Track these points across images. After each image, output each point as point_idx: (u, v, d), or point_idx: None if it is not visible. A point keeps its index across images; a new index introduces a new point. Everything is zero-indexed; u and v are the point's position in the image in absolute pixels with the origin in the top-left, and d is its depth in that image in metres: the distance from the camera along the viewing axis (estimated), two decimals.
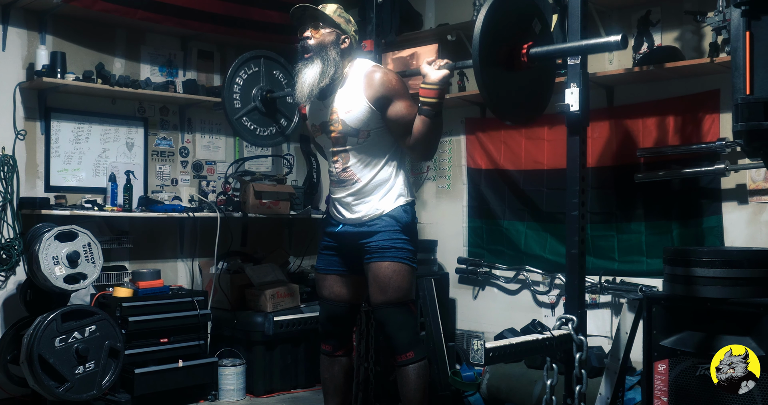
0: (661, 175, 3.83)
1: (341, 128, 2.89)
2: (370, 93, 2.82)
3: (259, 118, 3.56)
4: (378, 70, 2.86)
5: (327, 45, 2.86)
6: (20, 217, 4.15)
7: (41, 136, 4.38)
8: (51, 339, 3.63)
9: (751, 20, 2.17)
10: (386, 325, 2.90)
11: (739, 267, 2.73)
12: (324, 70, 2.84)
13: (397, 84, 2.83)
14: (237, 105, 3.50)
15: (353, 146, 2.90)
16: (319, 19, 2.89)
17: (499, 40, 2.61)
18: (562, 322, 2.92)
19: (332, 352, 3.11)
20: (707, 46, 3.65)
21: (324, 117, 2.95)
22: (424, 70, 2.76)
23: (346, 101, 2.87)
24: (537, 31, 2.76)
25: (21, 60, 4.32)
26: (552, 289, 4.35)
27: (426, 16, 5.08)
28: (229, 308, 4.58)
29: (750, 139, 2.19)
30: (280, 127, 3.65)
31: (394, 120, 2.83)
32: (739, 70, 2.17)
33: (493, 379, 4.06)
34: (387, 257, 2.86)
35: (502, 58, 2.64)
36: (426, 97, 2.75)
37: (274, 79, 3.64)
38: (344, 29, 2.91)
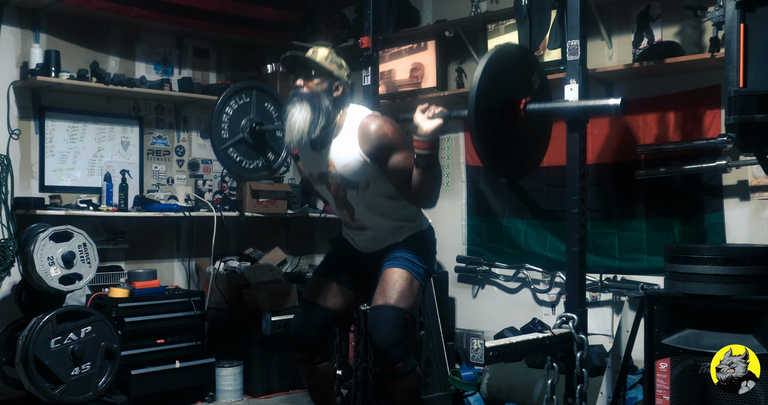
0: (661, 171, 3.80)
1: (340, 181, 2.81)
2: (366, 147, 2.71)
3: (246, 150, 3.44)
4: (373, 121, 2.73)
5: (319, 94, 2.74)
6: (15, 218, 4.13)
7: (35, 136, 4.34)
8: (46, 340, 3.60)
9: (746, 12, 2.14)
10: (376, 330, 2.71)
11: (741, 264, 2.70)
12: (314, 119, 2.71)
13: (392, 135, 2.71)
14: (224, 135, 3.38)
15: (354, 196, 2.83)
16: (310, 69, 2.77)
17: (497, 93, 2.51)
18: (563, 321, 2.91)
19: (308, 360, 3.01)
20: (708, 41, 3.63)
21: (321, 168, 2.86)
22: (417, 120, 2.61)
23: (342, 155, 2.77)
24: (536, 86, 2.66)
25: (15, 59, 4.29)
26: (552, 288, 4.33)
27: (424, 12, 5.05)
28: (226, 308, 4.56)
29: (743, 133, 2.18)
30: (267, 161, 3.52)
31: (393, 172, 2.73)
32: (732, 63, 2.15)
33: (493, 379, 4.04)
34: (399, 265, 2.80)
35: (499, 111, 2.53)
36: (420, 150, 2.62)
37: (264, 112, 3.51)
38: (337, 76, 2.78)
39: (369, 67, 3.82)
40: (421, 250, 2.89)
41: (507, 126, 2.56)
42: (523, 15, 3.70)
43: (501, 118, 2.53)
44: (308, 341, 2.99)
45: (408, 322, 2.75)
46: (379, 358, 2.77)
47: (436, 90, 4.78)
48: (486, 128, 2.45)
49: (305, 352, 3.00)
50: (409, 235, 2.90)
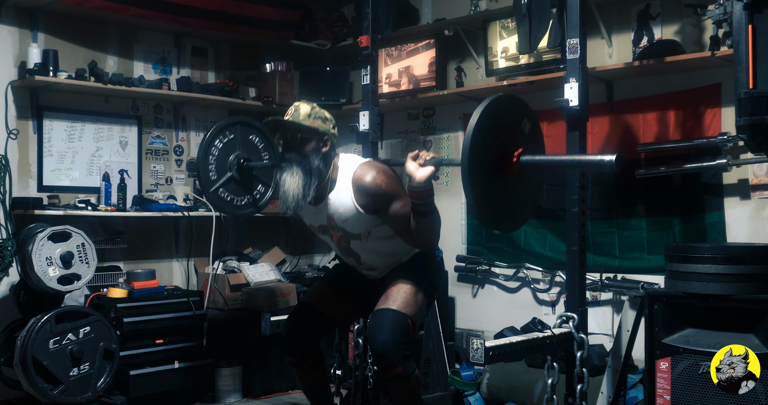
0: (662, 170, 3.79)
1: (342, 234, 2.83)
2: (362, 201, 2.71)
3: (235, 187, 3.40)
4: (365, 174, 2.70)
5: (308, 154, 2.71)
6: (13, 218, 4.12)
7: (33, 136, 4.33)
8: (45, 341, 3.59)
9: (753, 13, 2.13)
10: (376, 332, 2.67)
11: (742, 263, 2.70)
12: (307, 182, 2.69)
13: (387, 186, 2.69)
14: (213, 177, 3.32)
15: (358, 244, 2.84)
16: (297, 131, 2.74)
17: (490, 144, 2.44)
18: (563, 320, 2.91)
19: (299, 363, 3.00)
20: (708, 39, 3.61)
21: (320, 221, 2.87)
22: (409, 169, 2.57)
23: (340, 210, 2.77)
24: (526, 131, 2.60)
25: (12, 58, 4.27)
26: (552, 287, 4.32)
27: (423, 11, 5.04)
28: (226, 308, 4.55)
29: (753, 134, 2.17)
30: (254, 198, 3.48)
31: (392, 220, 2.73)
32: (741, 64, 2.14)
33: (494, 379, 4.03)
34: (405, 278, 2.79)
35: (492, 162, 2.47)
36: (415, 199, 2.61)
37: (250, 145, 3.45)
38: (323, 131, 2.75)
39: (368, 66, 3.81)
40: (425, 267, 2.88)
41: (500, 177, 2.49)
42: (522, 13, 3.69)
43: (494, 170, 2.46)
44: (299, 344, 2.97)
45: (409, 328, 2.70)
46: (378, 361, 2.73)
47: (435, 89, 4.77)
48: (479, 180, 2.38)
49: (296, 354, 2.99)
50: (414, 254, 2.90)
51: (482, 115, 2.36)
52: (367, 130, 3.81)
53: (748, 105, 2.13)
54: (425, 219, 2.64)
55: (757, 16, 2.13)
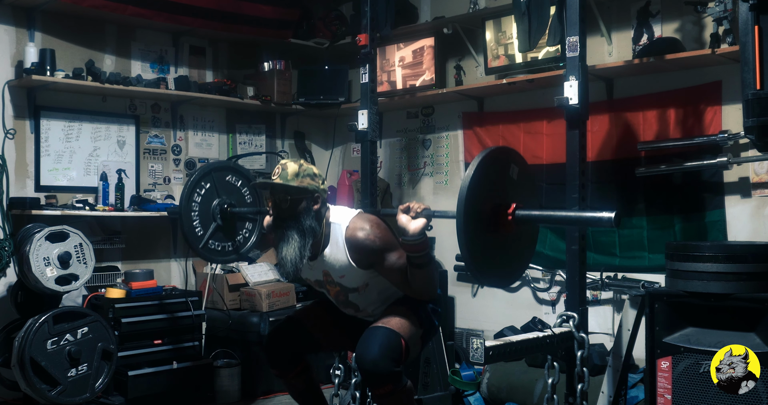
0: (662, 168, 3.78)
1: (339, 289, 2.81)
2: (357, 258, 2.68)
3: (221, 235, 3.39)
4: (358, 229, 2.66)
5: (300, 214, 2.65)
6: (10, 218, 4.09)
7: (31, 135, 4.31)
8: (43, 341, 3.58)
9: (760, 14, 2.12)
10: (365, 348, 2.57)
11: (743, 261, 2.70)
12: (302, 244, 2.64)
13: (381, 240, 2.65)
14: (200, 232, 3.31)
15: (356, 296, 2.81)
16: (286, 193, 2.67)
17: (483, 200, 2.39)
18: (563, 320, 2.90)
19: (283, 375, 2.97)
20: (708, 36, 3.60)
21: (317, 276, 2.84)
22: (402, 222, 2.54)
23: (336, 266, 2.74)
24: (515, 176, 2.53)
25: (9, 58, 4.26)
26: (552, 286, 4.30)
27: (422, 9, 5.03)
28: (224, 308, 4.54)
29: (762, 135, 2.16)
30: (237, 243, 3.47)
31: (389, 272, 2.69)
32: (748, 65, 2.13)
33: (494, 378, 4.02)
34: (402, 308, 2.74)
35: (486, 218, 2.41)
36: (411, 253, 2.58)
37: (229, 187, 3.44)
38: (312, 189, 2.69)
39: (367, 65, 3.79)
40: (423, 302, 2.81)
41: (494, 231, 2.44)
42: (522, 11, 3.67)
43: (488, 224, 2.41)
44: (281, 357, 2.93)
45: (402, 348, 2.61)
46: (366, 379, 2.65)
47: (434, 87, 4.75)
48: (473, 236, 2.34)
49: (277, 367, 2.96)
50: None
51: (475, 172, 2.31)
52: (365, 129, 3.79)
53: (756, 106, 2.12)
54: (422, 270, 2.60)
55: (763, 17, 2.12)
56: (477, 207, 2.33)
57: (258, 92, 5.12)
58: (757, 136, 2.16)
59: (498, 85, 4.39)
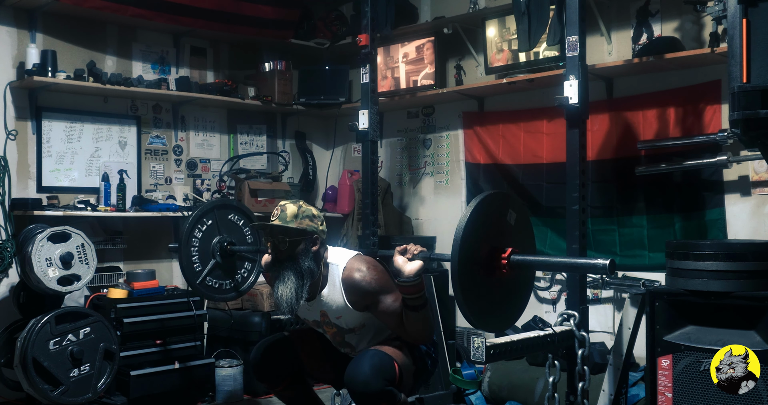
0: (662, 167, 3.79)
1: (336, 330, 2.82)
2: (353, 300, 2.69)
3: (220, 273, 3.39)
4: (355, 271, 2.67)
5: (298, 255, 2.66)
6: (12, 219, 4.11)
7: (32, 136, 4.32)
8: (45, 342, 3.58)
9: (748, 7, 2.12)
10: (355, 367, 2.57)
11: (743, 260, 2.69)
12: (299, 285, 2.65)
13: (377, 282, 2.66)
14: (198, 267, 3.31)
15: (352, 336, 2.82)
16: (285, 236, 2.67)
17: (479, 243, 2.39)
18: (564, 318, 2.90)
19: (273, 387, 2.97)
20: (707, 36, 3.61)
21: (314, 316, 2.85)
22: (398, 263, 2.54)
23: (333, 308, 2.75)
24: (512, 222, 2.54)
25: (11, 59, 4.27)
26: (553, 285, 4.31)
27: (422, 9, 5.04)
28: (226, 308, 4.53)
29: (747, 128, 2.16)
30: (236, 282, 3.47)
31: (384, 316, 2.69)
32: (735, 58, 2.13)
33: (495, 377, 4.02)
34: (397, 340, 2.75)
35: (482, 262, 2.40)
36: (406, 295, 2.57)
37: (230, 225, 3.44)
38: (311, 231, 2.69)
39: (367, 65, 3.80)
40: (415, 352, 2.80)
41: (491, 277, 2.43)
42: (521, 11, 3.69)
43: (484, 270, 2.41)
44: (268, 374, 2.93)
45: (396, 371, 2.61)
46: (359, 401, 2.62)
47: (434, 87, 4.76)
48: (469, 280, 2.33)
49: (265, 381, 2.96)
50: None
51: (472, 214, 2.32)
52: (366, 129, 3.80)
53: (742, 99, 2.11)
54: (418, 313, 2.59)
55: (751, 10, 2.12)
56: (473, 250, 2.33)
57: (259, 92, 5.13)
58: (742, 130, 2.15)
59: (498, 85, 4.39)
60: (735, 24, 2.13)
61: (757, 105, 2.09)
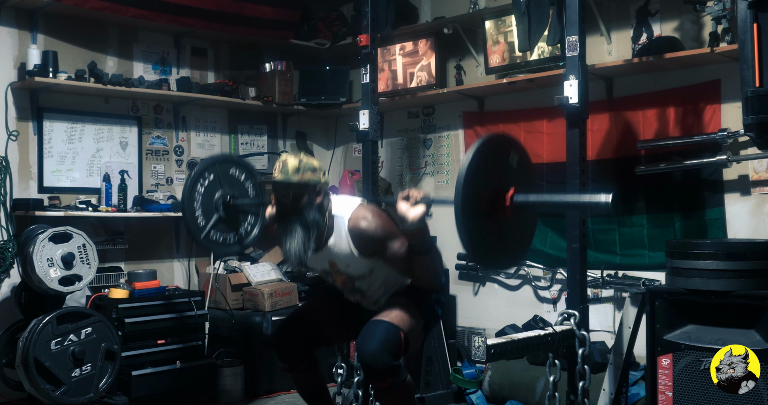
0: (662, 167, 3.79)
1: (345, 277, 2.85)
2: (360, 247, 2.72)
3: (224, 227, 3.38)
4: (360, 219, 2.69)
5: (302, 208, 2.69)
6: (14, 219, 4.12)
7: (34, 137, 4.33)
8: (47, 342, 3.58)
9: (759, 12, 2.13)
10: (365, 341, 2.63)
11: (743, 259, 2.70)
12: (306, 237, 2.69)
13: (383, 229, 2.68)
14: (201, 222, 3.30)
15: (362, 283, 2.85)
16: (288, 189, 2.71)
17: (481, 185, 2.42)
18: (564, 318, 2.91)
19: (291, 368, 3.01)
20: (707, 35, 3.61)
21: (322, 266, 2.88)
22: (402, 210, 2.56)
23: (341, 257, 2.78)
24: (514, 164, 2.56)
25: (12, 60, 4.27)
26: (553, 284, 4.31)
27: (422, 9, 5.04)
28: (227, 308, 4.55)
29: (761, 132, 2.17)
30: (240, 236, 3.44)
31: (391, 261, 2.73)
32: (747, 63, 2.14)
33: (495, 377, 4.03)
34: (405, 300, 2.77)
35: (485, 203, 2.45)
36: (411, 240, 2.62)
37: (232, 180, 3.42)
38: (314, 183, 2.72)
39: (368, 65, 3.80)
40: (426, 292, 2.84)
41: (493, 216, 2.47)
42: (521, 11, 3.69)
43: (487, 209, 2.45)
44: (288, 351, 2.97)
45: (401, 341, 2.65)
46: (366, 373, 2.70)
47: (435, 87, 4.77)
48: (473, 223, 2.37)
49: (286, 360, 2.99)
50: None
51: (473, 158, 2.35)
52: (366, 129, 3.81)
53: (755, 103, 2.13)
54: (423, 257, 2.65)
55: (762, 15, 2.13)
56: (475, 193, 2.37)
57: (259, 93, 5.14)
58: (756, 134, 2.17)
59: (498, 85, 4.40)
60: (746, 29, 2.15)
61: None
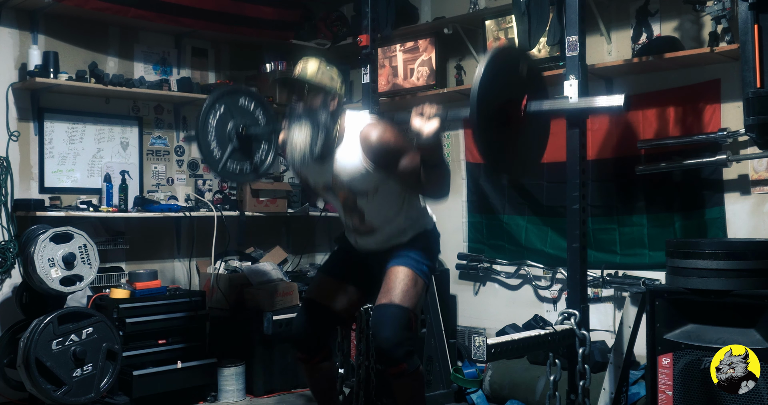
0: (662, 166, 3.80)
1: (348, 191, 2.82)
2: (370, 157, 2.71)
3: (239, 156, 3.42)
4: (372, 130, 2.70)
5: (316, 110, 2.72)
6: (15, 219, 4.12)
7: (35, 137, 4.34)
8: (48, 342, 3.60)
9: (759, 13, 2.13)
10: (380, 328, 2.70)
11: (743, 258, 2.70)
12: (314, 136, 2.69)
13: (394, 141, 2.70)
14: (217, 154, 3.35)
15: (364, 203, 2.84)
16: (304, 87, 2.74)
17: (496, 94, 2.49)
18: (565, 317, 2.91)
19: (308, 359, 3.02)
20: (707, 35, 3.61)
21: (325, 179, 2.86)
22: (416, 126, 2.57)
23: (347, 167, 2.76)
24: (524, 74, 2.62)
25: (13, 60, 4.28)
26: (554, 284, 4.32)
27: (422, 9, 5.05)
28: (228, 308, 4.55)
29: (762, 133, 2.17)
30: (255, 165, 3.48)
31: (402, 175, 2.74)
32: (749, 64, 2.15)
33: (496, 376, 4.03)
34: (404, 263, 2.80)
35: (499, 111, 2.52)
36: (425, 154, 2.64)
37: (243, 110, 3.45)
38: (330, 88, 2.76)
39: (368, 65, 3.81)
40: (424, 249, 2.88)
41: (508, 125, 2.56)
42: (521, 11, 3.69)
43: (501, 118, 2.52)
44: (308, 340, 2.99)
45: (411, 321, 2.73)
46: (383, 358, 2.76)
47: (435, 87, 4.77)
48: (487, 129, 2.45)
49: (305, 351, 3.00)
50: (414, 235, 2.89)
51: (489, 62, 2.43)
52: None
53: (756, 104, 2.13)
54: (435, 171, 2.67)
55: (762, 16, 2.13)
56: (490, 103, 2.46)
57: (260, 93, 5.13)
58: (757, 134, 2.18)
59: None
60: (747, 30, 2.15)
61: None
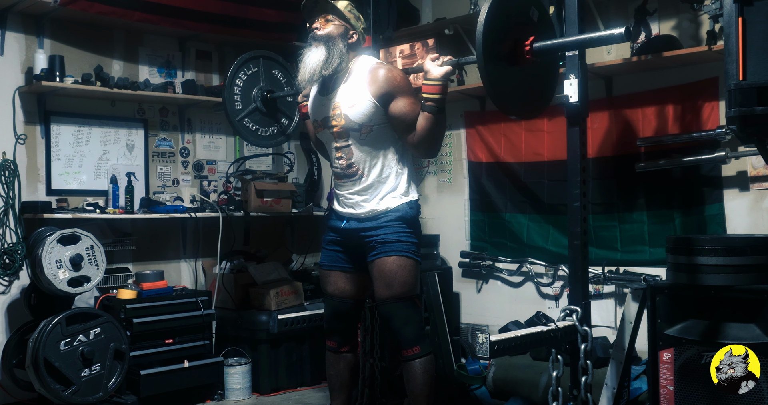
0: (661, 164, 3.83)
1: (344, 123, 2.88)
2: (374, 89, 2.81)
3: (260, 118, 3.61)
4: (382, 66, 2.87)
5: (335, 36, 2.87)
6: (22, 222, 4.16)
7: (41, 140, 4.38)
8: (56, 342, 3.62)
9: (743, 6, 2.16)
10: (391, 320, 2.89)
11: (742, 254, 2.73)
12: (328, 58, 2.85)
13: (401, 81, 2.83)
14: (238, 107, 3.52)
15: (356, 140, 2.90)
16: (329, 12, 2.90)
17: (502, 35, 2.60)
18: (567, 314, 2.92)
19: (337, 348, 3.12)
20: (705, 34, 3.64)
21: (326, 112, 2.95)
22: (427, 67, 2.76)
23: (350, 96, 2.87)
24: (535, 19, 2.74)
25: (19, 64, 4.32)
26: (555, 281, 4.35)
27: (423, 10, 5.08)
28: (234, 308, 4.58)
29: (743, 125, 2.19)
30: (281, 126, 3.67)
31: (397, 116, 2.83)
32: (732, 56, 2.17)
33: (499, 372, 4.06)
34: (392, 251, 2.86)
35: (505, 53, 2.64)
36: (429, 93, 2.74)
37: (273, 79, 3.67)
38: (353, 24, 2.93)
39: None
40: (408, 224, 2.93)
41: (515, 65, 2.67)
42: None
43: (509, 59, 2.64)
44: (338, 330, 3.11)
45: (416, 302, 2.90)
46: (397, 341, 2.90)
47: None
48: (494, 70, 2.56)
49: (334, 339, 3.12)
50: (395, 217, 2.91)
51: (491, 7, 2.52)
52: None
53: (738, 96, 2.16)
54: (433, 118, 2.76)
55: (747, 9, 2.16)
56: (496, 42, 2.56)
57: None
58: (738, 127, 2.20)
59: None
60: (731, 22, 2.18)
61: (753, 102, 2.14)
